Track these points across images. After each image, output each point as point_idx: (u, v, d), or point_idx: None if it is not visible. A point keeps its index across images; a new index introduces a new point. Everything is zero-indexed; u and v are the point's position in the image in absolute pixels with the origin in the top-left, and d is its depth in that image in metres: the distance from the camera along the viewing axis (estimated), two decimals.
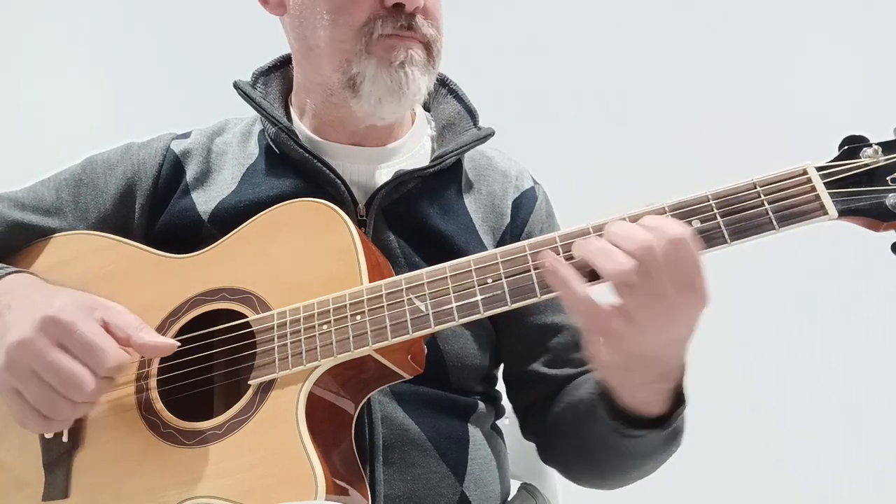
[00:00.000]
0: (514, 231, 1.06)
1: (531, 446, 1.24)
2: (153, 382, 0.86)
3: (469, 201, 1.05)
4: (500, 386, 1.10)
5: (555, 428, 1.00)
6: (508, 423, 1.14)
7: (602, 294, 0.71)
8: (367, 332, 0.79)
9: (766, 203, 0.72)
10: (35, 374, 0.78)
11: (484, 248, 1.01)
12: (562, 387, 1.02)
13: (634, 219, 0.73)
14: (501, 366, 1.10)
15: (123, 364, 0.81)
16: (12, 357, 0.79)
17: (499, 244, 1.03)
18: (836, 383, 2.04)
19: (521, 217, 1.07)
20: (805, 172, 0.72)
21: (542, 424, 1.03)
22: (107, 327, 0.82)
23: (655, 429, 0.81)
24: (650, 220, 0.71)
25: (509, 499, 1.06)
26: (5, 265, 0.92)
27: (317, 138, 1.03)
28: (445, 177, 1.05)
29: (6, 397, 0.81)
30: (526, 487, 1.15)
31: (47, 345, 0.78)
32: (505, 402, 1.11)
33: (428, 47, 0.97)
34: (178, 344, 0.85)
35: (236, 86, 1.06)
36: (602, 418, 0.84)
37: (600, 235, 0.73)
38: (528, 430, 1.08)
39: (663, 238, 0.69)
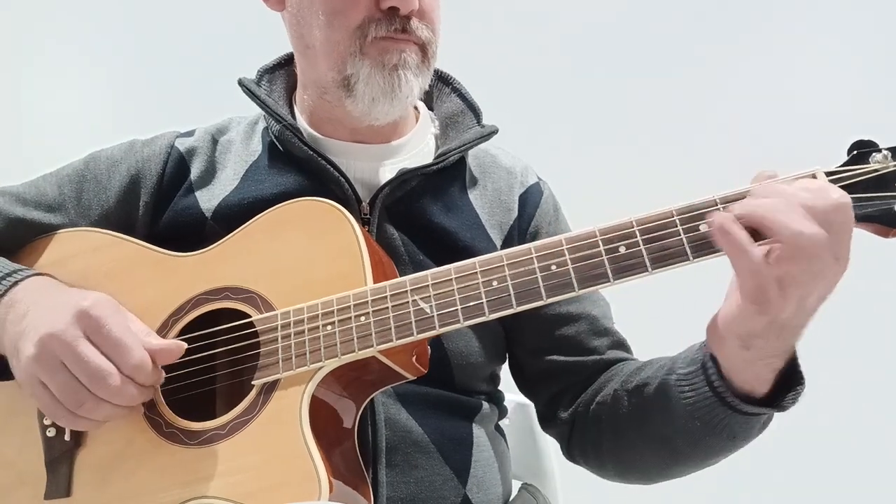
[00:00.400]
0: (521, 226, 1.06)
1: (532, 446, 1.23)
2: None
3: (474, 197, 1.05)
4: (503, 386, 1.10)
5: (604, 418, 0.96)
6: (509, 423, 1.14)
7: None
8: (371, 334, 0.79)
9: None
10: (63, 366, 0.78)
11: (491, 243, 1.01)
12: (590, 374, 1.01)
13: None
14: (506, 364, 1.09)
15: (146, 365, 0.80)
16: (44, 347, 0.79)
17: (506, 239, 1.04)
18: (840, 387, 2.03)
19: (528, 212, 1.07)
20: (814, 177, 0.72)
21: (580, 416, 1.00)
22: None
23: (770, 407, 0.78)
24: (808, 184, 0.69)
25: (510, 499, 1.06)
26: (25, 267, 0.92)
27: (319, 136, 1.03)
28: (449, 174, 1.05)
29: (32, 389, 0.81)
30: (527, 488, 1.14)
31: (78, 336, 0.79)
32: (507, 402, 1.11)
33: (423, 48, 0.98)
34: (185, 345, 0.85)
35: (241, 83, 1.06)
36: (700, 399, 0.80)
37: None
38: (553, 424, 1.05)
39: (842, 204, 0.67)
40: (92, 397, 0.79)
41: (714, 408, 0.80)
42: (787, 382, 0.78)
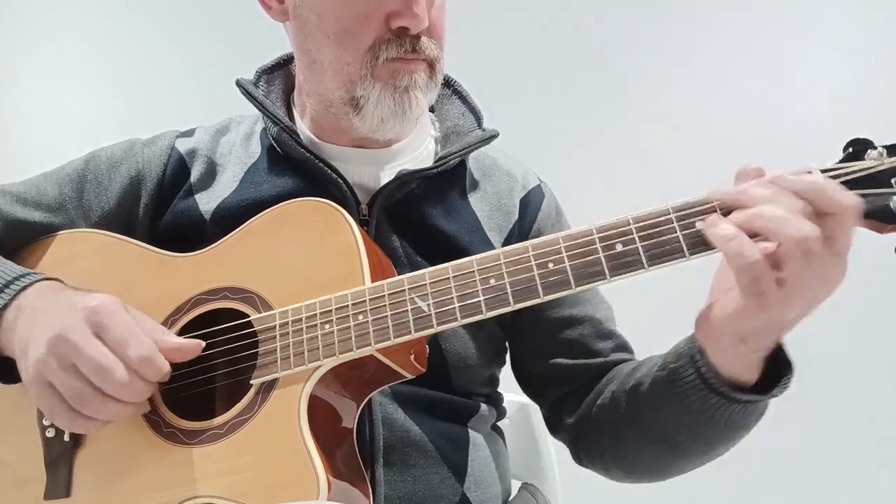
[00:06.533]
0: (521, 229, 1.06)
1: (532, 446, 1.23)
2: None
3: (474, 200, 1.05)
4: (502, 387, 1.10)
5: (605, 420, 0.96)
6: (509, 423, 1.14)
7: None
8: (369, 332, 0.79)
9: None
10: (73, 367, 0.78)
11: (490, 246, 1.01)
12: (594, 377, 1.01)
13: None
14: (507, 366, 1.09)
15: (153, 359, 0.80)
16: (53, 348, 0.78)
17: (506, 242, 1.03)
18: (836, 384, 2.04)
19: (530, 215, 1.07)
20: (810, 174, 0.72)
21: (583, 420, 1.00)
22: None
23: (764, 394, 0.78)
24: (811, 182, 0.67)
25: (510, 499, 1.06)
26: (32, 271, 0.91)
27: (317, 140, 1.04)
28: (449, 178, 1.05)
29: (38, 389, 0.80)
30: (526, 488, 1.15)
31: (87, 335, 0.78)
32: (506, 403, 1.11)
33: (431, 65, 0.97)
34: (203, 344, 0.84)
35: (238, 84, 1.05)
36: (693, 391, 0.81)
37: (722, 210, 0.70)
38: (560, 429, 1.05)
39: (848, 204, 0.66)
40: (98, 396, 0.78)
41: (706, 398, 0.80)
42: (773, 368, 0.78)
